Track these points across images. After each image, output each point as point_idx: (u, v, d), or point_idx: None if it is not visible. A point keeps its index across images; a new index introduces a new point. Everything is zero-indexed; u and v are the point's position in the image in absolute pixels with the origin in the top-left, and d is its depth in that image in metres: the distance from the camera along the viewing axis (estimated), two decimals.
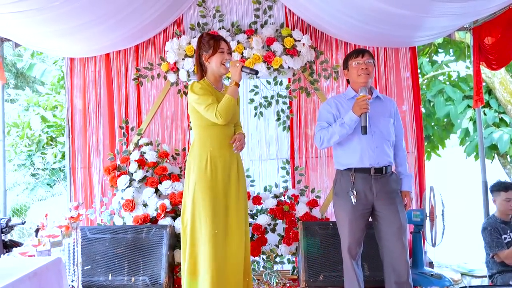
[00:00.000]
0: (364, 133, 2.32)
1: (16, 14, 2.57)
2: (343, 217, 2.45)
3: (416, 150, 3.71)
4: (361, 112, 2.32)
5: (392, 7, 2.76)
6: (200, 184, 2.37)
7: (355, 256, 2.46)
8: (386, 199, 2.42)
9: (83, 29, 3.06)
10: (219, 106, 2.33)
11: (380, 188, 2.41)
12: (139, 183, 3.46)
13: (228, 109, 2.33)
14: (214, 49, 2.42)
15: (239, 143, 2.42)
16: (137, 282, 3.02)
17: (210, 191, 2.35)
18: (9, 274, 1.68)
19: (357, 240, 2.44)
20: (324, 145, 2.48)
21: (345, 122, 2.38)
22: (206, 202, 2.34)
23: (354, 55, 2.49)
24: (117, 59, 3.76)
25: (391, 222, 2.39)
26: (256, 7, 3.71)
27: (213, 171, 2.37)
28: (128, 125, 3.73)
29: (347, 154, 2.46)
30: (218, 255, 2.31)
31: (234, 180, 2.42)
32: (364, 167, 2.41)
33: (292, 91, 3.72)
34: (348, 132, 2.38)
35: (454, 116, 5.15)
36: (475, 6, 2.75)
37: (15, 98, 7.67)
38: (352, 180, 2.41)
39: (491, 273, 3.05)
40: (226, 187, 2.39)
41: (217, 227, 2.33)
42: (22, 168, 6.32)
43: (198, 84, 2.40)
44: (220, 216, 2.35)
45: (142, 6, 3.09)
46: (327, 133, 2.44)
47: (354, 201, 2.38)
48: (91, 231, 3.18)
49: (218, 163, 2.38)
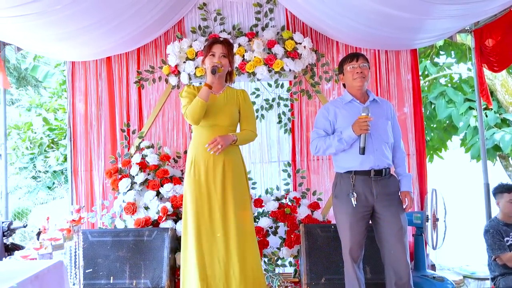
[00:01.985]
0: (362, 154, 2.34)
1: (17, 18, 2.57)
2: (344, 219, 2.44)
3: (417, 152, 3.71)
4: (360, 133, 2.34)
5: (393, 10, 2.77)
6: (186, 186, 2.48)
7: (357, 259, 2.45)
8: (386, 200, 2.42)
9: (84, 32, 3.06)
10: (188, 107, 2.40)
11: (380, 190, 2.41)
12: (140, 186, 3.46)
13: (195, 110, 2.37)
14: (206, 53, 2.52)
15: (213, 144, 2.40)
16: (138, 285, 3.02)
17: (193, 194, 2.43)
18: (11, 278, 1.68)
19: (359, 243, 2.43)
20: (319, 154, 2.54)
21: (343, 138, 2.40)
22: (189, 205, 2.44)
23: (349, 60, 2.50)
24: (118, 62, 3.77)
25: (391, 223, 2.39)
26: (257, 10, 3.71)
27: (196, 174, 2.45)
28: (130, 128, 3.74)
29: (347, 158, 2.46)
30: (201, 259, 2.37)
31: (219, 182, 2.43)
32: (364, 170, 2.41)
33: (293, 93, 3.72)
34: (345, 147, 2.42)
35: (456, 118, 5.14)
36: (475, 8, 2.75)
37: (18, 98, 7.69)
38: (352, 183, 2.41)
39: (494, 276, 3.04)
40: (209, 190, 2.43)
41: (199, 230, 2.39)
42: (24, 171, 6.33)
43: (186, 88, 2.54)
44: (203, 220, 2.40)
45: (143, 9, 3.10)
46: (323, 144, 2.46)
47: (355, 203, 2.38)
48: (93, 234, 3.18)
49: (201, 166, 2.44)
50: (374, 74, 3.73)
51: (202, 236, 2.39)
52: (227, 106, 2.52)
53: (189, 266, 2.42)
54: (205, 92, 2.39)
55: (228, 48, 2.53)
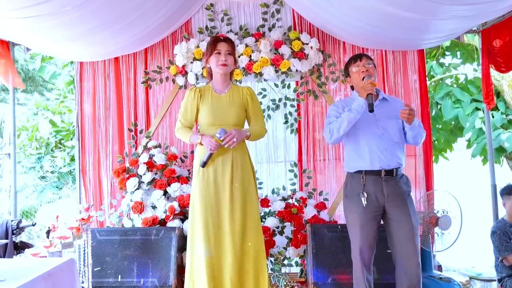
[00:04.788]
0: (370, 111, 2.30)
1: (28, 19, 2.60)
2: (354, 219, 2.43)
3: (424, 153, 3.71)
4: (366, 93, 2.33)
5: (400, 10, 2.77)
6: (194, 186, 2.48)
7: (367, 262, 2.42)
8: (397, 201, 2.40)
9: (92, 33, 3.09)
10: (180, 131, 2.57)
11: (391, 190, 2.40)
12: (148, 186, 3.48)
13: (183, 140, 2.61)
14: (211, 51, 2.52)
15: (229, 138, 2.41)
16: (146, 284, 3.04)
17: (201, 194, 2.44)
18: (24, 275, 1.71)
19: (369, 244, 2.41)
20: (334, 137, 2.43)
21: (353, 108, 2.39)
22: (197, 205, 2.44)
23: (353, 61, 2.52)
24: (126, 63, 3.80)
25: (402, 224, 2.37)
26: (264, 10, 3.73)
27: (205, 174, 2.46)
28: (137, 128, 3.76)
29: (356, 158, 2.46)
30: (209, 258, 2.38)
31: (228, 182, 2.44)
32: (374, 170, 2.41)
33: (300, 94, 3.73)
34: (355, 116, 2.36)
35: (463, 118, 5.12)
36: (484, 8, 2.74)
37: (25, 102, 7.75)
38: (362, 182, 2.41)
39: (501, 277, 3.04)
40: (218, 189, 2.44)
41: (207, 230, 2.40)
42: (32, 171, 6.37)
43: (187, 93, 2.60)
44: (211, 217, 2.41)
45: (150, 10, 3.12)
46: (336, 124, 2.42)
47: (365, 203, 2.37)
48: (101, 232, 3.20)
49: (209, 165, 2.45)
50: (381, 75, 3.73)
51: (210, 235, 2.40)
52: (233, 105, 2.54)
53: (196, 265, 2.42)
54: (195, 141, 2.50)
55: (232, 45, 2.58)
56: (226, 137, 2.40)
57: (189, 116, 2.56)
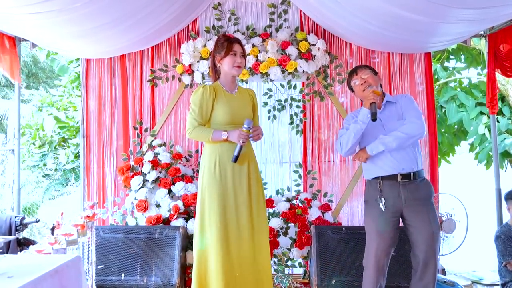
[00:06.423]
0: (373, 119, 2.33)
1: (37, 14, 2.60)
2: (371, 224, 2.43)
3: (429, 156, 3.70)
4: (369, 103, 2.35)
5: (408, 13, 2.76)
6: (209, 186, 2.38)
7: (382, 268, 2.40)
8: (416, 206, 2.37)
9: (100, 30, 3.09)
10: (196, 130, 2.38)
11: (409, 195, 2.37)
12: (152, 184, 3.48)
13: (199, 139, 2.48)
14: (227, 51, 2.44)
15: (256, 132, 2.41)
16: (149, 282, 3.04)
17: (219, 193, 2.35)
18: (31, 272, 1.71)
19: (384, 250, 2.39)
20: (344, 149, 2.47)
21: (359, 119, 2.42)
22: (215, 204, 2.35)
23: (350, 77, 2.58)
24: (132, 61, 3.80)
25: (421, 230, 2.34)
26: (272, 10, 3.73)
27: (222, 174, 2.37)
28: (142, 126, 3.76)
29: (371, 165, 2.47)
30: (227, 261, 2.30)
31: (245, 180, 2.41)
32: (390, 174, 2.40)
33: (305, 95, 3.73)
34: (361, 127, 2.39)
35: (467, 122, 5.12)
36: (492, 12, 2.73)
37: (29, 98, 7.74)
38: (379, 188, 2.40)
39: (504, 282, 3.03)
40: (236, 188, 2.38)
41: (226, 229, 2.33)
42: (35, 168, 6.36)
43: (200, 90, 2.41)
44: (230, 218, 2.35)
45: (158, 8, 3.12)
46: (345, 136, 2.46)
47: (384, 208, 2.36)
48: (105, 230, 3.20)
49: (227, 164, 2.38)
50: (387, 77, 3.73)
51: (229, 237, 2.33)
52: (245, 105, 2.52)
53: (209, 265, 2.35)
54: (219, 138, 2.37)
55: (244, 47, 2.56)
56: (254, 130, 2.39)
57: (205, 114, 2.42)
